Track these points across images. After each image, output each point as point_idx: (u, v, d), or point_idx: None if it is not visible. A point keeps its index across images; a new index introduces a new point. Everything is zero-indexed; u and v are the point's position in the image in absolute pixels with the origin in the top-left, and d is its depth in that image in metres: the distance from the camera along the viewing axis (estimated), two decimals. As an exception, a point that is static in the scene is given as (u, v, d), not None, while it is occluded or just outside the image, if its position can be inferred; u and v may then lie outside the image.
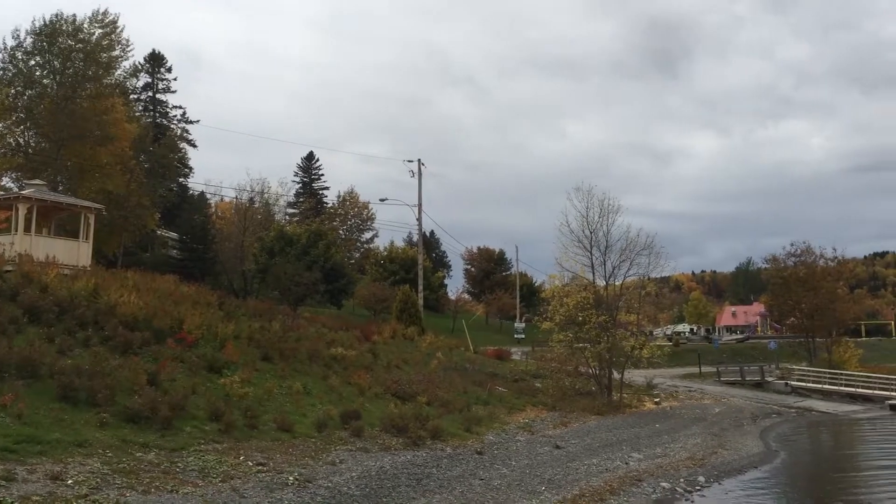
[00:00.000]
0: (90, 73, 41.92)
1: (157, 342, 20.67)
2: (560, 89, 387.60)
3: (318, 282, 42.49)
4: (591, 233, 36.79)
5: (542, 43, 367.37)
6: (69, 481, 11.62)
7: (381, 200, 64.24)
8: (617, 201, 37.06)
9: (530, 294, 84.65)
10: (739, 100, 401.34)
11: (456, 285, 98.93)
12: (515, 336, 67.48)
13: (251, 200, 59.21)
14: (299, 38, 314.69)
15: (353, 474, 15.47)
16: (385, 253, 78.36)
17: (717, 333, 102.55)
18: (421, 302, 50.91)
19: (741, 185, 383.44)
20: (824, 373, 50.59)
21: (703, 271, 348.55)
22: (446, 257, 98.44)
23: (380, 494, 14.36)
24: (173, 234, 59.47)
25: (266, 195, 62.07)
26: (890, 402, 43.95)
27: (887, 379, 48.21)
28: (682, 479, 19.49)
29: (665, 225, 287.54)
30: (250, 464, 14.78)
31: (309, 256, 47.27)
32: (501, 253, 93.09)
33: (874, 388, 46.96)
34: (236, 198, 59.85)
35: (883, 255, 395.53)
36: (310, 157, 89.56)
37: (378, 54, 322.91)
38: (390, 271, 70.27)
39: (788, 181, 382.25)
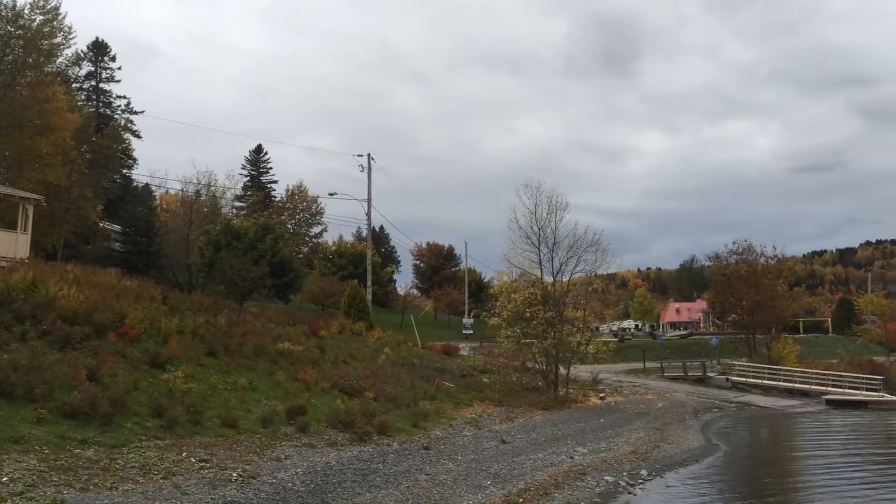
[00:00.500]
0: (30, 60, 40.67)
1: (97, 337, 20.23)
2: (511, 86, 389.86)
3: (265, 276, 41.89)
4: (539, 229, 37.13)
5: (493, 39, 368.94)
6: (4, 479, 11.32)
7: (331, 195, 63.52)
8: (565, 198, 37.45)
9: (479, 290, 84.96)
10: (687, 99, 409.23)
11: (405, 281, 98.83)
12: (464, 332, 67.67)
13: (197, 193, 58.22)
14: (249, 29, 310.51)
15: (299, 470, 15.36)
16: (334, 248, 77.77)
17: (661, 330, 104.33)
18: (369, 297, 50.73)
19: (688, 183, 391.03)
20: (764, 368, 51.89)
21: (648, 268, 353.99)
22: (396, 252, 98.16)
23: (325, 490, 14.30)
24: (116, 227, 58.12)
25: (213, 188, 61.13)
26: (826, 397, 45.33)
27: (823, 374, 49.69)
28: (625, 473, 19.82)
29: (613, 222, 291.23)
30: (193, 460, 14.58)
31: (256, 250, 46.70)
32: (451, 249, 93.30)
33: (811, 384, 48.35)
34: (182, 190, 58.78)
35: (821, 253, 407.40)
36: (258, 150, 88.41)
37: (329, 47, 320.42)
38: (339, 266, 69.80)
39: (734, 180, 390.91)
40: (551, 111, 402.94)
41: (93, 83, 64.20)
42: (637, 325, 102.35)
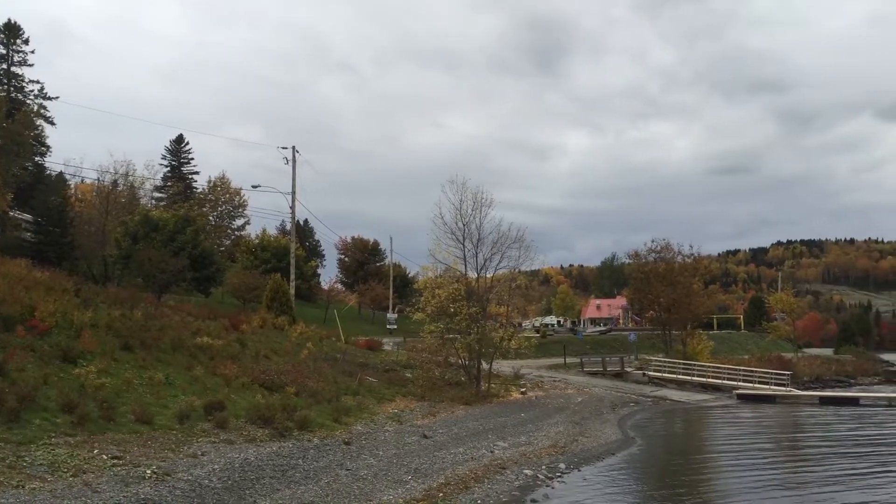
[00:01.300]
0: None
1: (5, 330, 19.50)
2: (441, 82, 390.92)
3: (184, 269, 41.01)
4: (464, 225, 37.38)
5: (422, 34, 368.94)
6: None
7: (254, 187, 62.07)
8: (490, 195, 37.81)
9: (404, 285, 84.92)
10: (612, 100, 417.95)
11: (330, 275, 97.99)
12: (388, 327, 67.57)
13: (114, 183, 56.42)
14: (171, 15, 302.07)
15: (216, 466, 15.11)
16: (257, 241, 76.56)
17: (581, 325, 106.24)
18: (293, 291, 50.11)
19: (612, 182, 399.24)
20: (679, 364, 53.46)
21: (571, 265, 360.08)
22: (320, 247, 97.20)
23: (243, 487, 14.11)
24: (27, 216, 55.82)
25: (131, 178, 59.31)
26: (737, 391, 47.00)
27: (735, 370, 51.49)
28: (544, 467, 20.14)
29: (540, 220, 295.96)
30: (105, 457, 14.18)
31: (176, 243, 45.58)
32: (376, 243, 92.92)
33: (723, 379, 50.06)
34: (98, 180, 56.87)
35: (735, 252, 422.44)
36: (179, 140, 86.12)
37: (256, 37, 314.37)
38: (262, 260, 68.77)
39: (655, 180, 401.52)
40: (480, 108, 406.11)
41: (4, 67, 61.50)
42: (559, 321, 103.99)
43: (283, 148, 52.68)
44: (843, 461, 23.73)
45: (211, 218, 77.26)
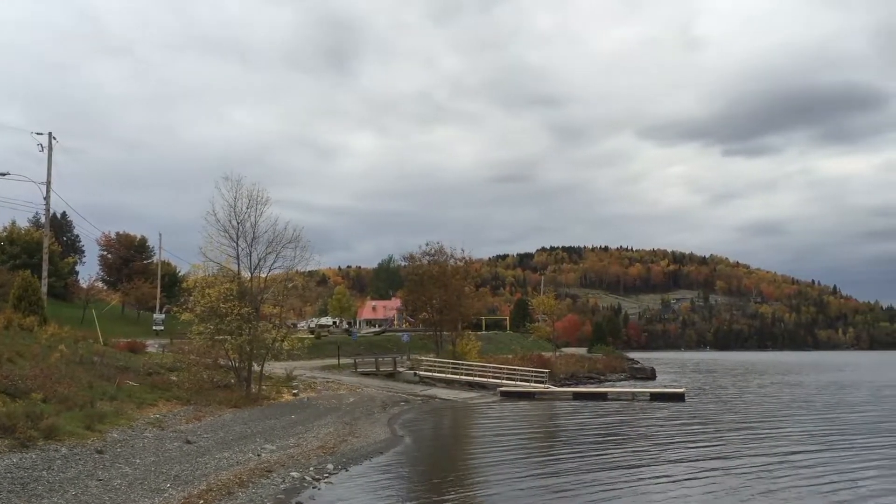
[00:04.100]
0: None
1: None
2: (228, 73, 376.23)
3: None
4: (238, 223, 36.35)
5: (212, 22, 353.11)
6: None
7: (2, 175, 56.69)
8: (266, 192, 37.01)
9: (173, 284, 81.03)
10: (401, 103, 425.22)
11: (90, 272, 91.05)
12: (154, 328, 64.24)
13: None
14: None
15: (-58, 483, 13.58)
16: (5, 234, 69.71)
17: (357, 326, 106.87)
18: (45, 289, 46.11)
19: (397, 185, 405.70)
20: (448, 363, 55.47)
21: (349, 266, 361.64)
22: (80, 242, 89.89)
23: (-27, 504, 12.80)
24: None
25: None
26: (500, 389, 49.64)
27: (499, 368, 54.37)
28: (311, 468, 20.09)
29: (324, 220, 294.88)
30: None
31: None
32: (143, 240, 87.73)
33: (488, 377, 52.66)
34: None
35: (504, 257, 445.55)
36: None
37: (14, 8, 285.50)
38: (11, 255, 62.94)
39: (439, 184, 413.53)
40: (270, 103, 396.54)
41: None
42: (335, 322, 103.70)
43: (38, 134, 48.41)
44: (590, 448, 25.86)
45: (-53, 206, 69.20)
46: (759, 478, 20.47)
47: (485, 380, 52.37)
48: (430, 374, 53.28)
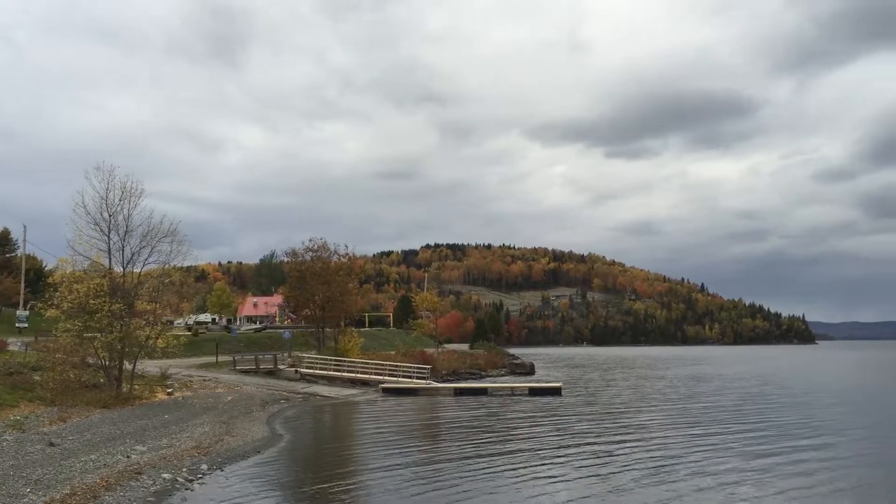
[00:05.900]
0: None
1: None
2: (106, 59, 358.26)
3: None
4: (109, 216, 34.79)
5: (93, 5, 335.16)
6: None
7: None
8: (141, 184, 35.54)
9: (38, 279, 76.82)
10: (290, 98, 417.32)
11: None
12: (17, 325, 60.75)
13: None
14: None
15: None
16: None
17: (237, 323, 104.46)
18: None
19: (284, 180, 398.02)
20: (330, 360, 55.07)
21: (230, 262, 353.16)
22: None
23: None
24: None
25: None
26: (382, 385, 49.74)
27: (381, 365, 54.48)
28: (184, 469, 19.62)
29: (206, 214, 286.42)
30: None
31: None
32: (6, 232, 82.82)
33: (370, 374, 52.67)
34: None
35: (389, 254, 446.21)
36: None
37: None
38: None
39: (326, 180, 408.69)
40: (149, 91, 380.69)
41: None
42: (214, 319, 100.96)
43: None
44: (469, 441, 26.35)
45: None
46: (612, 460, 21.59)
47: (367, 376, 52.33)
48: (311, 371, 52.73)
